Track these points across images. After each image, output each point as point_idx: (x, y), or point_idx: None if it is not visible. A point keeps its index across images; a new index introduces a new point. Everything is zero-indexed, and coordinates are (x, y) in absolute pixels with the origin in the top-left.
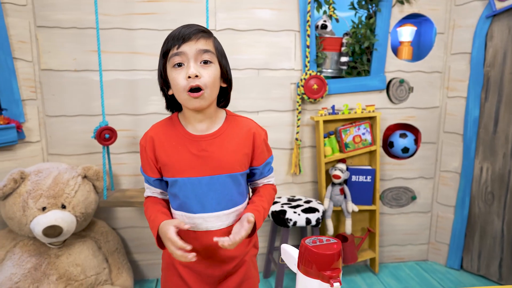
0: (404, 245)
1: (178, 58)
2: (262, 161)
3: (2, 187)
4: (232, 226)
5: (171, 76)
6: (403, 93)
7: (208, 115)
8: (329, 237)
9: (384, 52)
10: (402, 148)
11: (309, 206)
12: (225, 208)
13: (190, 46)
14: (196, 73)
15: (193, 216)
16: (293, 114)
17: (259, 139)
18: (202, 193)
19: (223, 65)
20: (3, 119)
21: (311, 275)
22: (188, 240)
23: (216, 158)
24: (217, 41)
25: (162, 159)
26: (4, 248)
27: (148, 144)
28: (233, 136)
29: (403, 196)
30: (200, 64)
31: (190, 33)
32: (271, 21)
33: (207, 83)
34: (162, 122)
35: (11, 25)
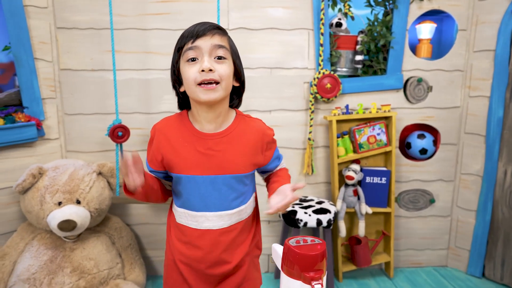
0: (421, 249)
1: (192, 53)
2: (270, 157)
3: (21, 182)
4: (234, 225)
5: (184, 70)
6: (421, 92)
7: (218, 113)
8: (314, 237)
9: (401, 50)
10: (420, 149)
11: (321, 207)
12: (228, 208)
13: (205, 40)
14: (210, 67)
15: (196, 214)
16: (306, 114)
17: (268, 140)
18: (205, 192)
19: (236, 63)
20: (24, 117)
21: (293, 276)
22: (190, 238)
23: (222, 158)
24: (231, 40)
25: (167, 154)
26: (24, 240)
27: (156, 136)
28: (241, 137)
29: (420, 199)
30: (214, 59)
31: (205, 29)
32: (284, 19)
33: (222, 77)
34: (171, 117)
35: (33, 26)
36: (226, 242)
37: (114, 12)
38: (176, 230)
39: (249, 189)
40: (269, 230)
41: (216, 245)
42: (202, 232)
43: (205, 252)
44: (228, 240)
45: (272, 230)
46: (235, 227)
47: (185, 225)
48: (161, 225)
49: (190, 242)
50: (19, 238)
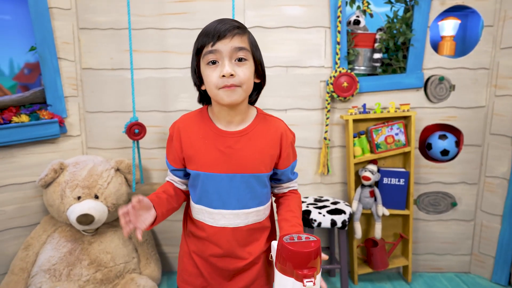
0: (442, 254)
1: (212, 56)
2: (287, 165)
3: (44, 176)
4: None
5: (205, 74)
6: (443, 91)
7: (239, 111)
8: (310, 234)
9: (422, 48)
10: (441, 151)
11: (336, 207)
12: (245, 207)
13: (225, 44)
14: (231, 72)
15: (212, 211)
16: (322, 113)
17: (286, 142)
18: (223, 189)
19: (257, 60)
20: (47, 114)
21: (286, 273)
22: (206, 234)
23: (242, 157)
24: (251, 36)
25: (187, 151)
26: (46, 232)
27: (175, 134)
28: (261, 136)
29: (441, 201)
30: (235, 62)
31: (226, 30)
32: (300, 17)
33: (242, 81)
34: (191, 113)
35: (57, 27)
36: (242, 241)
37: (133, 13)
38: (192, 225)
39: (268, 191)
40: None
41: (231, 242)
42: (218, 230)
43: (220, 249)
44: (243, 238)
45: None
46: (251, 227)
47: (202, 221)
48: (177, 222)
49: (206, 238)
50: (42, 230)
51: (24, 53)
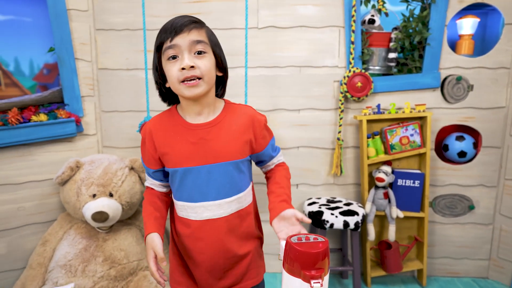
0: (458, 258)
1: (172, 51)
2: (265, 145)
3: (60, 174)
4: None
5: (166, 69)
6: (460, 91)
7: (206, 104)
8: (317, 235)
9: (439, 47)
10: (459, 152)
11: (349, 208)
12: (226, 196)
13: (183, 38)
14: (190, 64)
15: (194, 205)
16: (335, 113)
17: (259, 126)
18: (202, 182)
19: (217, 54)
20: (65, 113)
21: (294, 273)
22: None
23: (214, 147)
24: (209, 31)
25: (161, 149)
26: (63, 228)
27: (147, 136)
28: (231, 124)
29: (458, 204)
30: (194, 55)
31: (182, 25)
32: (314, 17)
33: (203, 72)
34: (161, 114)
35: (74, 29)
36: (227, 231)
37: (148, 13)
38: (178, 223)
39: (245, 177)
40: None
41: (217, 234)
42: (203, 223)
43: (207, 243)
44: (229, 228)
45: None
46: (235, 215)
47: (185, 217)
48: None
49: (192, 234)
50: (58, 227)
51: (43, 54)
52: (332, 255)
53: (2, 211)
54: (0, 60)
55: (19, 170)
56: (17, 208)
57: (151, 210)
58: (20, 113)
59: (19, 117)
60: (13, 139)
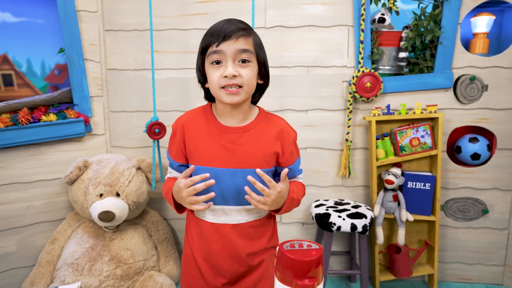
0: (471, 264)
1: (216, 56)
2: (291, 162)
3: (69, 173)
4: (252, 222)
5: (208, 72)
6: (474, 91)
7: (241, 110)
8: (312, 242)
9: (452, 46)
10: (472, 154)
11: (357, 211)
12: (247, 203)
13: (229, 45)
14: (233, 73)
15: (214, 207)
16: (344, 114)
17: (288, 139)
18: (225, 185)
19: (261, 63)
20: (74, 114)
21: (285, 282)
22: (207, 232)
23: (243, 152)
24: (257, 37)
25: (190, 146)
26: (71, 227)
27: (179, 129)
28: (263, 132)
29: (471, 208)
30: (238, 63)
31: (231, 31)
32: (322, 16)
33: (244, 82)
34: (195, 110)
35: (84, 30)
36: (243, 238)
37: (157, 14)
38: (195, 224)
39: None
40: (303, 232)
41: (233, 240)
42: (219, 226)
43: (222, 247)
44: (244, 236)
45: (307, 233)
46: (252, 224)
47: (203, 219)
48: None
49: (207, 236)
50: (67, 225)
51: (54, 55)
52: (340, 258)
53: (13, 209)
54: (13, 61)
55: (30, 169)
56: (28, 206)
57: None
58: (31, 113)
59: (29, 117)
60: (24, 139)
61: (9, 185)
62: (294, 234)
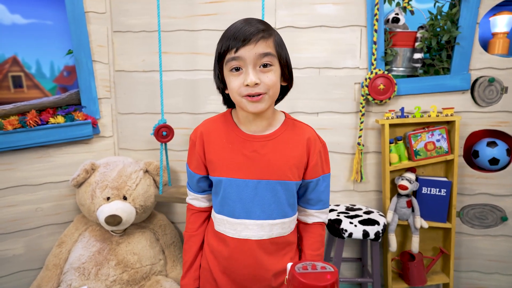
0: (489, 273)
1: (236, 63)
2: (315, 176)
3: (76, 176)
4: (275, 238)
5: (228, 80)
6: (493, 94)
7: (265, 117)
8: (326, 263)
9: (470, 47)
10: (490, 159)
11: (369, 217)
12: (271, 217)
13: (248, 50)
14: (255, 81)
15: (235, 221)
16: (356, 117)
17: (314, 149)
18: (247, 197)
19: (283, 63)
20: (82, 116)
21: None
22: (227, 247)
23: (267, 162)
24: (278, 38)
25: (210, 156)
26: (78, 230)
27: (198, 139)
28: (289, 141)
29: (489, 215)
30: (259, 68)
31: (250, 35)
32: (334, 16)
33: (268, 87)
34: (214, 118)
35: (92, 31)
36: (264, 257)
37: (165, 15)
38: (214, 238)
39: (294, 203)
40: None
41: (253, 257)
42: (240, 242)
43: (242, 263)
44: (266, 254)
45: None
46: (275, 240)
47: (223, 233)
48: None
49: (227, 252)
50: (74, 229)
51: (63, 57)
52: (351, 264)
53: (21, 212)
54: (23, 62)
55: (38, 172)
56: (35, 209)
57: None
58: (39, 115)
59: (37, 119)
60: (32, 141)
61: (17, 187)
62: None
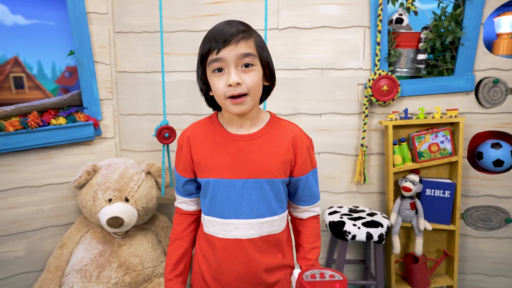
0: (493, 275)
1: (218, 64)
2: (304, 172)
3: (77, 178)
4: (265, 237)
5: (211, 81)
6: (497, 95)
7: (250, 116)
8: (335, 271)
9: (474, 47)
10: (494, 161)
11: (372, 219)
12: (259, 216)
13: (230, 51)
14: (237, 81)
15: (224, 221)
16: (359, 118)
17: (302, 146)
18: (235, 197)
19: (265, 64)
20: (83, 117)
21: None
22: (217, 248)
23: (253, 160)
24: (259, 39)
25: (197, 158)
26: (80, 232)
27: (184, 142)
28: (274, 140)
29: (493, 217)
30: (241, 68)
31: (230, 35)
32: (337, 17)
33: (250, 88)
34: (200, 121)
35: (94, 32)
36: (256, 254)
37: (167, 15)
38: (204, 240)
39: (282, 200)
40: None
41: (245, 256)
42: (230, 242)
43: (233, 264)
44: (257, 252)
45: None
46: (265, 239)
47: (212, 234)
48: None
49: (217, 253)
50: (76, 230)
51: (65, 57)
52: (353, 267)
53: (22, 213)
54: (24, 63)
55: (39, 173)
56: (37, 210)
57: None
58: (40, 117)
59: (38, 121)
60: (33, 142)
61: (19, 189)
62: None
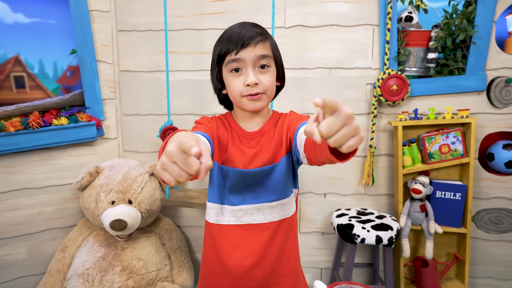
0: (505, 280)
1: (236, 64)
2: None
3: (80, 179)
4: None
5: (228, 81)
6: (510, 95)
7: (261, 114)
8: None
9: (486, 46)
10: (506, 162)
11: (381, 222)
12: (267, 200)
13: (248, 52)
14: (255, 81)
15: (233, 208)
16: (368, 118)
17: (285, 117)
18: (243, 184)
19: (279, 66)
20: (86, 117)
21: None
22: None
23: (262, 154)
24: (273, 40)
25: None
26: (82, 235)
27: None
28: (273, 131)
29: (505, 220)
30: (258, 69)
31: (249, 38)
32: (345, 15)
33: (266, 88)
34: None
35: (97, 30)
36: (267, 241)
37: (171, 13)
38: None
39: (289, 180)
40: (323, 243)
41: (257, 242)
42: (241, 227)
43: (244, 251)
44: (268, 238)
45: (326, 243)
46: (277, 224)
47: (221, 223)
48: None
49: (228, 241)
50: (78, 233)
51: (67, 56)
52: (362, 270)
53: (23, 216)
54: (25, 62)
55: (40, 174)
56: (38, 212)
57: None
58: (42, 117)
59: (40, 121)
60: (34, 143)
61: (20, 191)
62: (313, 244)
